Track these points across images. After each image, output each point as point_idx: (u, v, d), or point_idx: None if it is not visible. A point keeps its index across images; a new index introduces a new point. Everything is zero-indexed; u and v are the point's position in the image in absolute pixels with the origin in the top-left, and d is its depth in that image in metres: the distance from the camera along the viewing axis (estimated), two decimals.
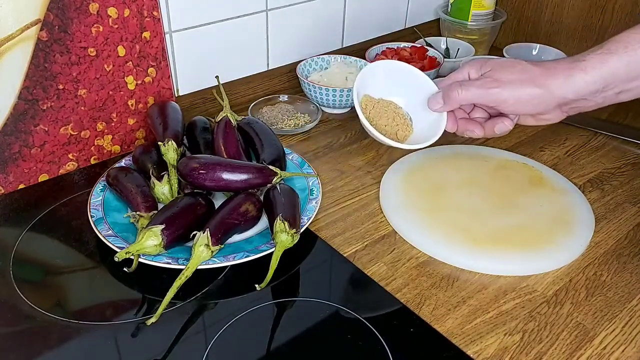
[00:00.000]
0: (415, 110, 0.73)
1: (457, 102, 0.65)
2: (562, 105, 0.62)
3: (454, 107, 0.66)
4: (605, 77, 0.57)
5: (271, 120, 0.85)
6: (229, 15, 0.86)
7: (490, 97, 0.62)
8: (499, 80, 0.62)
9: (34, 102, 0.68)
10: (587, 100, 0.60)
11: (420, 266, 0.61)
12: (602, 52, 0.58)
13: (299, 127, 0.84)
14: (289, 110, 0.88)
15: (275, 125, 0.84)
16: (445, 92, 0.66)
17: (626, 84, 0.58)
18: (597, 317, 0.55)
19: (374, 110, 0.72)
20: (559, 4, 1.05)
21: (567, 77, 0.59)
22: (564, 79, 0.59)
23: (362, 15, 1.05)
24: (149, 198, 0.63)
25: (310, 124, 0.85)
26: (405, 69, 0.73)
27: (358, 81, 0.71)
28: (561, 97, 0.60)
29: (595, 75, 0.58)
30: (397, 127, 0.72)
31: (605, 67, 0.57)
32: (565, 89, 0.59)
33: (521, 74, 0.61)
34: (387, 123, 0.72)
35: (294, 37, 0.96)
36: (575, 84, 0.58)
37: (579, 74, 0.58)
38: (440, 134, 0.68)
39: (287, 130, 0.83)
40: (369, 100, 0.73)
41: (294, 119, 0.86)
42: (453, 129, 0.68)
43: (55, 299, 0.56)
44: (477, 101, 0.64)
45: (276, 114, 0.86)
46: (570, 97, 0.59)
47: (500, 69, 0.63)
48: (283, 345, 0.51)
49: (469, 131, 0.68)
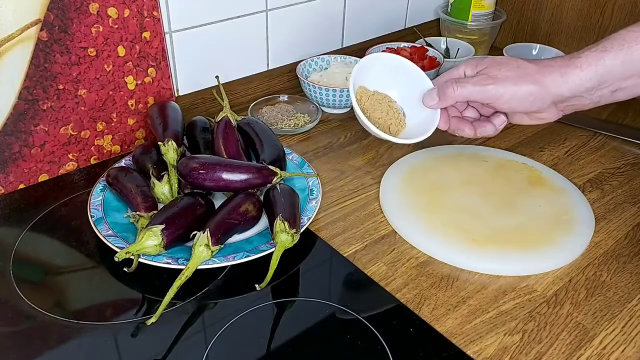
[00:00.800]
0: (410, 105, 0.73)
1: (452, 99, 0.65)
2: (557, 103, 0.62)
3: (449, 103, 0.66)
4: (600, 74, 0.57)
5: (271, 120, 0.85)
6: (229, 15, 0.86)
7: (486, 93, 0.62)
8: (495, 77, 0.62)
9: (34, 102, 0.68)
10: (583, 97, 0.60)
11: (420, 266, 0.61)
12: (598, 49, 0.58)
13: (298, 127, 0.84)
14: (288, 110, 0.88)
15: (275, 125, 0.84)
16: (441, 89, 0.65)
17: (622, 82, 0.58)
18: (597, 317, 0.55)
19: (368, 102, 0.72)
20: (559, 4, 1.05)
21: (563, 74, 0.59)
22: (559, 75, 0.59)
23: (362, 15, 1.05)
24: (149, 198, 0.63)
25: (310, 124, 0.85)
26: (402, 64, 0.73)
27: (355, 71, 0.71)
28: (557, 93, 0.60)
29: (590, 72, 0.58)
30: (390, 120, 0.72)
31: (601, 64, 0.57)
32: (560, 86, 0.59)
33: (517, 70, 0.61)
34: (380, 116, 0.71)
35: (294, 37, 0.96)
36: (570, 80, 0.58)
37: (575, 71, 0.58)
38: (432, 130, 0.68)
39: (287, 130, 0.83)
40: (364, 91, 0.73)
41: (293, 119, 0.86)
42: (445, 127, 0.68)
43: (55, 299, 0.56)
44: (473, 98, 0.64)
45: (276, 114, 0.87)
46: (565, 94, 0.59)
47: (496, 66, 0.63)
48: (283, 345, 0.51)
49: (459, 130, 0.68)
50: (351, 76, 0.70)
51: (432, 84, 0.70)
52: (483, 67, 0.64)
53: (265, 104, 0.89)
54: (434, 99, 0.66)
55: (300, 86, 0.91)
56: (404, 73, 0.73)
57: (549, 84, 0.59)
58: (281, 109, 0.88)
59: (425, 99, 0.68)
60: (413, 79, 0.72)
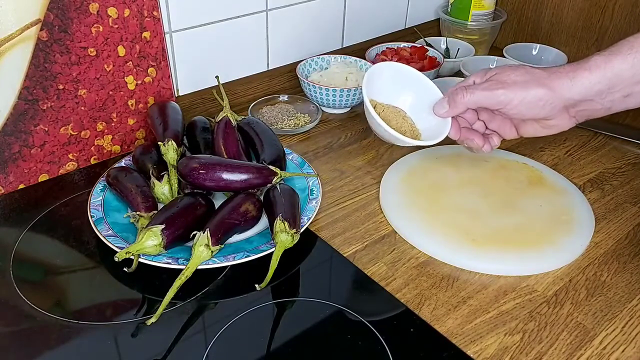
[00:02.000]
0: (420, 115, 0.72)
1: (463, 105, 0.64)
2: (569, 108, 0.61)
3: (459, 110, 0.65)
4: (609, 78, 0.57)
5: (271, 120, 0.85)
6: (229, 15, 0.86)
7: (495, 98, 0.62)
8: (504, 82, 0.61)
9: (34, 102, 0.68)
10: (594, 102, 0.59)
11: (420, 266, 0.61)
12: (606, 53, 0.58)
13: (299, 127, 0.84)
14: (289, 110, 0.88)
15: (276, 125, 0.84)
16: (451, 96, 0.65)
17: (633, 87, 0.57)
18: (597, 317, 0.55)
19: (383, 114, 0.71)
20: (559, 4, 1.05)
21: (572, 77, 0.59)
22: (568, 79, 0.59)
23: (362, 15, 1.05)
24: (149, 198, 0.63)
25: (310, 124, 0.85)
26: (411, 74, 0.72)
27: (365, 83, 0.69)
28: (566, 97, 0.59)
29: (599, 75, 0.57)
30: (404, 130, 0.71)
31: (609, 67, 0.57)
32: (570, 89, 0.59)
33: (525, 75, 0.61)
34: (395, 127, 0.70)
35: (294, 37, 0.96)
36: (579, 83, 0.58)
37: (583, 74, 0.58)
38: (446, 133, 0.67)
39: (287, 130, 0.83)
40: (376, 104, 0.72)
41: (294, 119, 0.86)
42: (456, 137, 0.67)
43: (55, 299, 0.56)
44: (482, 104, 0.64)
45: (276, 114, 0.86)
46: (575, 97, 0.59)
47: (505, 72, 0.62)
48: (283, 345, 0.51)
49: (469, 140, 0.67)
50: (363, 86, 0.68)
51: (442, 93, 0.69)
52: (492, 74, 0.64)
53: (265, 104, 0.89)
54: (444, 107, 0.66)
55: (300, 86, 0.91)
56: (413, 83, 0.72)
57: (558, 87, 0.59)
58: (281, 109, 0.88)
59: (436, 108, 0.67)
60: (422, 88, 0.72)
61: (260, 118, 0.84)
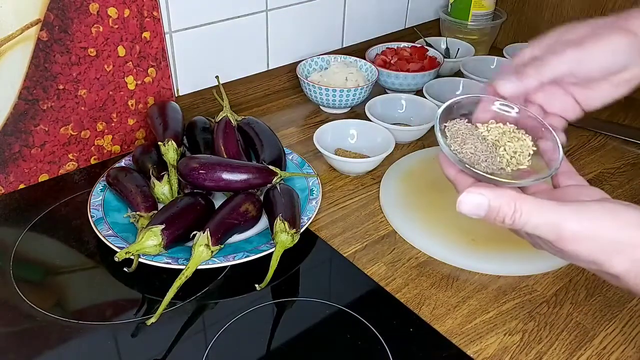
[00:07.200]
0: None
1: (539, 77, 0.53)
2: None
3: (531, 84, 0.54)
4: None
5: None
6: (229, 15, 0.86)
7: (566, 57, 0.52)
8: (571, 40, 0.54)
9: (34, 102, 0.68)
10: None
11: (420, 266, 0.61)
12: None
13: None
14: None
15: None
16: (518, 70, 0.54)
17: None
18: (597, 317, 0.55)
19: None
20: (559, 4, 1.05)
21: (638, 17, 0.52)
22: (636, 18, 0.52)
23: (362, 15, 1.05)
24: (149, 198, 0.63)
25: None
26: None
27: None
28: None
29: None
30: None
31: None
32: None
33: (590, 26, 0.54)
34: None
35: (294, 37, 0.96)
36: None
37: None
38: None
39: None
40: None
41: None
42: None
43: (55, 299, 0.56)
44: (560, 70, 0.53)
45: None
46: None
47: (565, 32, 0.55)
48: (283, 345, 0.51)
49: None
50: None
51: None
52: (551, 40, 0.56)
53: None
54: (511, 81, 0.54)
55: (301, 86, 0.91)
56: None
57: (634, 27, 0.52)
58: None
59: (500, 85, 0.54)
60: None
61: None
